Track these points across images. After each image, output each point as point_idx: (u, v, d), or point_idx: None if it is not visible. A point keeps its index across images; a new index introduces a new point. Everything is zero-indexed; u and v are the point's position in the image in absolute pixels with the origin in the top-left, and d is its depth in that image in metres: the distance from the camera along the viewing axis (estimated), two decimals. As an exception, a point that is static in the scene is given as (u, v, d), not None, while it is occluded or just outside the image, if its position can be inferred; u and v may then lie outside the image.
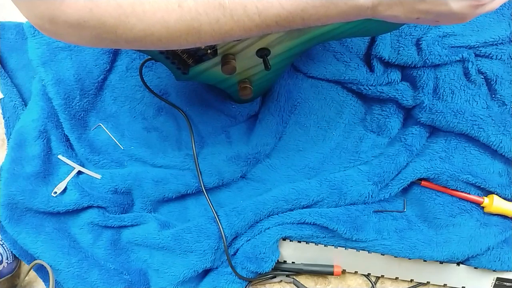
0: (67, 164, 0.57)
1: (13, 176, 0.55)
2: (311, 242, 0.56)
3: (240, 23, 0.31)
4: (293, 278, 0.58)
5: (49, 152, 0.57)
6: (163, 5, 0.30)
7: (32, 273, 0.58)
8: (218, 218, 0.55)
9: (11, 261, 0.57)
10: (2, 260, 0.55)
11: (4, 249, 0.56)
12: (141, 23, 0.30)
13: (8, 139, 0.59)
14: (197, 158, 0.57)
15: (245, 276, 0.55)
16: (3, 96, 0.60)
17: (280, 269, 0.57)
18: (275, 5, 0.30)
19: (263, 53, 0.46)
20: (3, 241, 0.57)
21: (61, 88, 0.56)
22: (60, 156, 0.57)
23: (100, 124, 0.59)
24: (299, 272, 0.57)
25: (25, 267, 0.59)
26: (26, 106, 0.60)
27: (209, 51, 0.45)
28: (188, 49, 0.45)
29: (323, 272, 0.56)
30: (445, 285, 0.57)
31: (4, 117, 0.60)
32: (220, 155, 0.57)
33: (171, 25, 0.30)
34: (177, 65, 0.47)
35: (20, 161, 0.55)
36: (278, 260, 0.56)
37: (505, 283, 0.55)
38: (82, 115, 0.58)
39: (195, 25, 0.31)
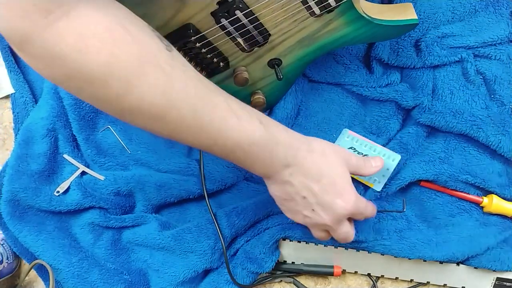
0: (72, 164, 0.58)
1: (17, 173, 0.56)
2: (311, 242, 0.58)
3: (198, 131, 0.36)
4: (293, 278, 0.59)
5: (55, 151, 0.58)
6: (150, 84, 0.32)
7: (32, 273, 0.59)
8: (216, 220, 0.56)
9: (11, 261, 0.58)
10: (2, 260, 0.56)
11: (4, 249, 0.57)
12: (120, 89, 0.31)
13: (16, 135, 0.60)
14: (203, 165, 0.58)
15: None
16: (14, 91, 0.61)
17: (280, 269, 0.58)
18: (233, 125, 0.37)
19: (274, 63, 0.48)
20: (3, 240, 0.58)
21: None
22: (65, 155, 0.58)
23: (109, 126, 0.60)
24: (299, 272, 0.59)
25: (25, 267, 0.61)
26: (36, 103, 0.61)
27: (221, 64, 0.47)
28: (201, 63, 0.47)
29: (323, 273, 0.57)
30: (445, 285, 0.58)
31: (13, 112, 0.61)
32: (224, 161, 0.57)
33: (145, 103, 0.32)
34: None
35: (25, 158, 0.56)
36: (278, 260, 0.57)
37: (505, 283, 0.56)
38: (91, 116, 0.59)
39: (164, 113, 0.34)
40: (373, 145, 0.58)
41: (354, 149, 0.58)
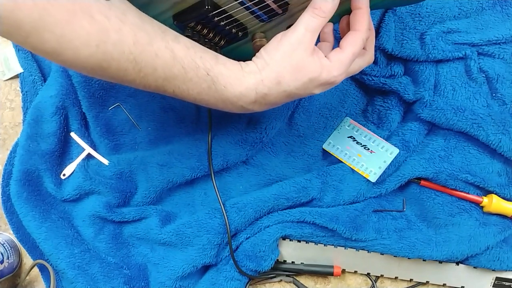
0: (79, 144, 0.61)
1: (28, 152, 0.59)
2: (311, 241, 0.60)
3: (144, 79, 0.37)
4: (293, 277, 0.62)
5: (65, 130, 0.61)
6: (82, 38, 0.33)
7: (33, 273, 0.63)
8: (224, 208, 0.58)
9: (12, 260, 0.61)
10: (3, 260, 0.59)
11: (5, 248, 0.60)
12: (55, 43, 0.33)
13: (25, 114, 0.63)
14: (211, 141, 0.60)
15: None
16: (22, 71, 0.63)
17: (280, 269, 0.61)
18: (179, 75, 0.37)
19: None
20: (4, 241, 0.62)
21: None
22: (72, 134, 0.60)
23: (119, 103, 0.62)
24: (299, 272, 0.61)
25: (26, 266, 0.63)
26: (45, 82, 0.62)
27: (240, 34, 0.48)
28: (219, 33, 0.48)
29: (322, 272, 0.60)
30: (444, 284, 0.60)
31: (22, 91, 0.63)
32: (228, 137, 0.60)
33: (82, 57, 0.34)
34: (208, 47, 0.49)
35: (35, 138, 0.59)
36: (277, 259, 0.60)
37: (504, 283, 0.59)
38: (101, 93, 0.61)
39: (104, 65, 0.35)
40: (372, 136, 0.60)
41: (354, 138, 0.61)
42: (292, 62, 0.39)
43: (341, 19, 0.45)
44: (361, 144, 0.61)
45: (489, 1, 0.60)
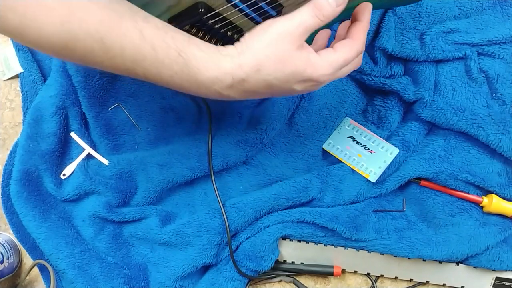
0: (79, 144, 0.61)
1: (28, 153, 0.59)
2: (311, 241, 0.61)
3: (112, 61, 0.36)
4: (293, 277, 0.62)
5: (65, 130, 0.61)
6: (45, 15, 0.32)
7: (33, 273, 0.63)
8: (224, 208, 0.59)
9: (12, 260, 0.61)
10: (3, 260, 0.59)
11: (5, 248, 0.61)
12: (18, 22, 0.32)
13: (25, 114, 0.63)
14: (211, 142, 0.60)
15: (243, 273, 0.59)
16: (22, 71, 0.63)
17: (280, 269, 0.61)
18: (149, 57, 0.36)
19: None
20: (4, 240, 0.62)
21: (82, 66, 0.58)
22: (72, 134, 0.61)
23: (119, 104, 0.62)
24: (299, 272, 0.62)
25: (26, 266, 0.64)
26: (45, 82, 0.63)
27: (235, 36, 0.48)
28: (215, 36, 0.48)
29: (322, 272, 0.60)
30: (444, 284, 0.61)
31: (22, 91, 0.64)
32: (228, 138, 0.61)
33: (45, 36, 0.33)
34: None
35: (35, 138, 0.60)
36: (277, 259, 0.60)
37: (504, 283, 0.59)
38: (101, 93, 0.61)
39: (70, 45, 0.34)
40: (372, 136, 0.61)
41: (354, 138, 0.62)
42: (276, 51, 0.37)
43: (339, 27, 0.45)
44: (361, 144, 0.61)
45: (489, 1, 0.60)
